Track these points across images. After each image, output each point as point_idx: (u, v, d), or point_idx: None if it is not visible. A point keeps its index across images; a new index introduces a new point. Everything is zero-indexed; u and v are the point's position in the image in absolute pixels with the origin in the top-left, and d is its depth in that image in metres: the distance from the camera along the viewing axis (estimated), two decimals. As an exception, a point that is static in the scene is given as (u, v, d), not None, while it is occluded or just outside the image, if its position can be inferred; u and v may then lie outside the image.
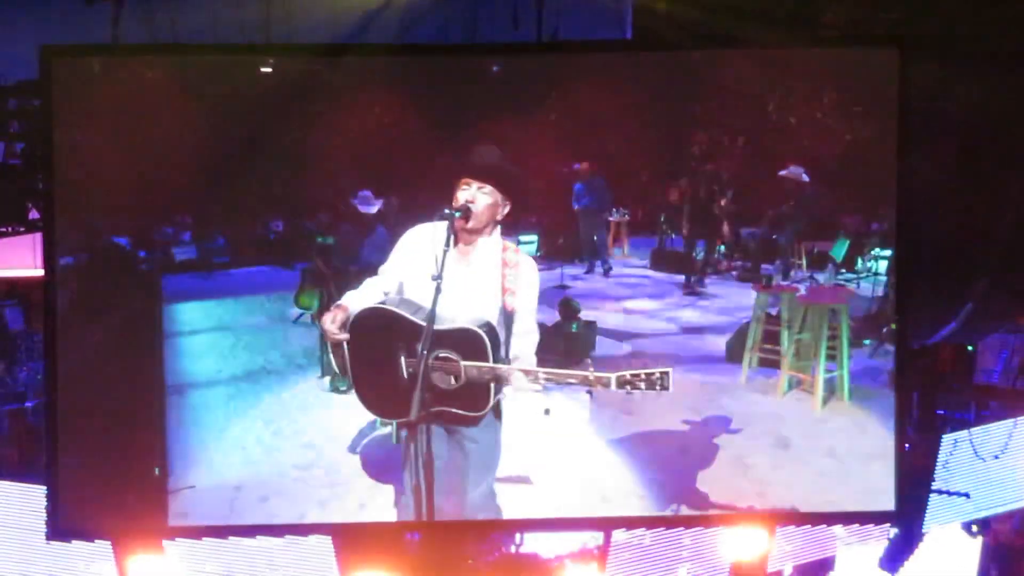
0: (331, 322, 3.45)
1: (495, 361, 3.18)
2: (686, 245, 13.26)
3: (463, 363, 3.22)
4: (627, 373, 2.85)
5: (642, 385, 2.86)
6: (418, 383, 3.04)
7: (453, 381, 3.23)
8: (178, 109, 5.14)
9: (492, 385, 3.21)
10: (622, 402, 6.30)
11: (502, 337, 3.42)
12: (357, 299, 3.63)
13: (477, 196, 3.39)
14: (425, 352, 3.08)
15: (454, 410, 3.23)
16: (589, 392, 6.43)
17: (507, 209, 3.53)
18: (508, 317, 3.48)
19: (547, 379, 3.18)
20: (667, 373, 2.78)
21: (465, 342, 3.21)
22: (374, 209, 7.85)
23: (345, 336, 3.36)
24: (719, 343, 8.07)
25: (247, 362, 8.11)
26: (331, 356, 3.61)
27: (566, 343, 7.43)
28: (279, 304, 11.89)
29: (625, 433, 5.85)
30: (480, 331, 3.21)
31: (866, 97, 5.38)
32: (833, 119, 6.03)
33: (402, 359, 3.13)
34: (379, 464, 5.56)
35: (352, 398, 6.90)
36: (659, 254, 15.48)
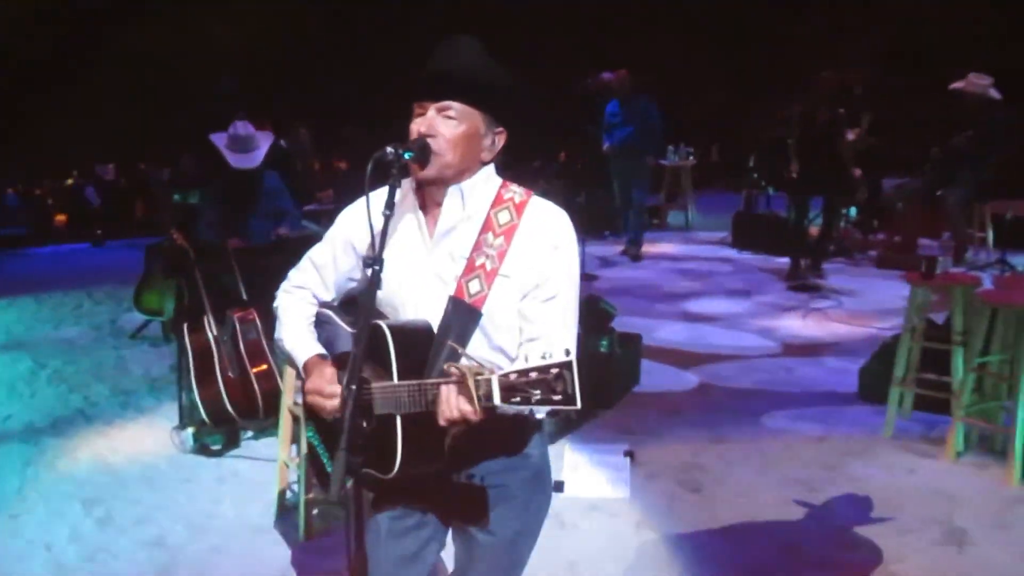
0: (324, 387, 3.44)
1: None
2: (792, 206, 13.33)
3: (373, 384, 3.24)
4: (513, 372, 2.82)
5: (536, 393, 2.79)
6: (343, 431, 3.06)
7: (371, 422, 3.25)
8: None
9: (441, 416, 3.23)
10: (683, 468, 6.24)
11: (494, 357, 3.33)
12: (300, 327, 3.69)
13: (437, 123, 3.32)
14: (351, 380, 3.08)
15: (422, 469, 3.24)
16: (629, 454, 6.43)
17: (498, 141, 3.45)
18: (496, 314, 3.40)
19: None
20: (568, 365, 2.73)
21: (376, 348, 3.24)
22: (260, 150, 7.82)
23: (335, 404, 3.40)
24: (848, 370, 8.18)
25: (55, 402, 8.16)
26: (303, 423, 3.60)
27: (593, 371, 7.20)
28: (108, 306, 11.99)
29: (692, 522, 5.77)
30: (383, 326, 3.20)
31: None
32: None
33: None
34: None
35: (236, 464, 6.94)
36: (745, 221, 15.69)
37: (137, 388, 8.14)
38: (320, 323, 3.68)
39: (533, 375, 2.69)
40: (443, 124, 3.25)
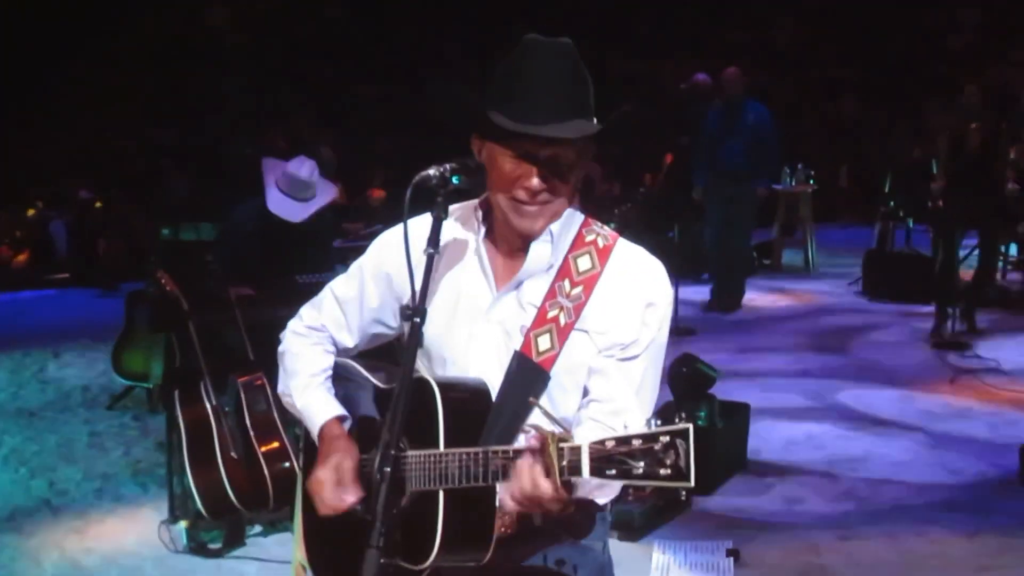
0: (331, 485, 3.43)
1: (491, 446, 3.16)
2: (939, 243, 13.11)
3: (409, 452, 3.19)
4: (611, 439, 2.76)
5: (638, 466, 2.74)
6: (378, 505, 3.02)
7: (404, 500, 3.21)
8: None
9: (495, 500, 3.17)
10: (803, 571, 6.23)
11: (557, 411, 3.34)
12: (310, 382, 3.65)
13: (550, 177, 3.33)
14: (384, 463, 3.04)
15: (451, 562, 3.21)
16: (733, 553, 6.40)
17: (583, 168, 3.47)
18: (565, 375, 3.41)
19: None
20: (684, 433, 2.69)
21: (417, 407, 3.21)
22: (314, 204, 7.78)
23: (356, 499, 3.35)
24: (1007, 449, 8.00)
25: (13, 490, 8.18)
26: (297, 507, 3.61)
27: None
28: (79, 369, 12.03)
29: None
30: (431, 380, 3.18)
31: None
32: None
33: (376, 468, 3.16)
34: None
35: (241, 566, 6.92)
36: (880, 261, 15.50)
37: (116, 472, 8.17)
38: (337, 378, 3.65)
39: (636, 443, 2.66)
40: (557, 177, 3.23)
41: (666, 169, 15.84)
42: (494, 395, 3.24)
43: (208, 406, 6.89)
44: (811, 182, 17.28)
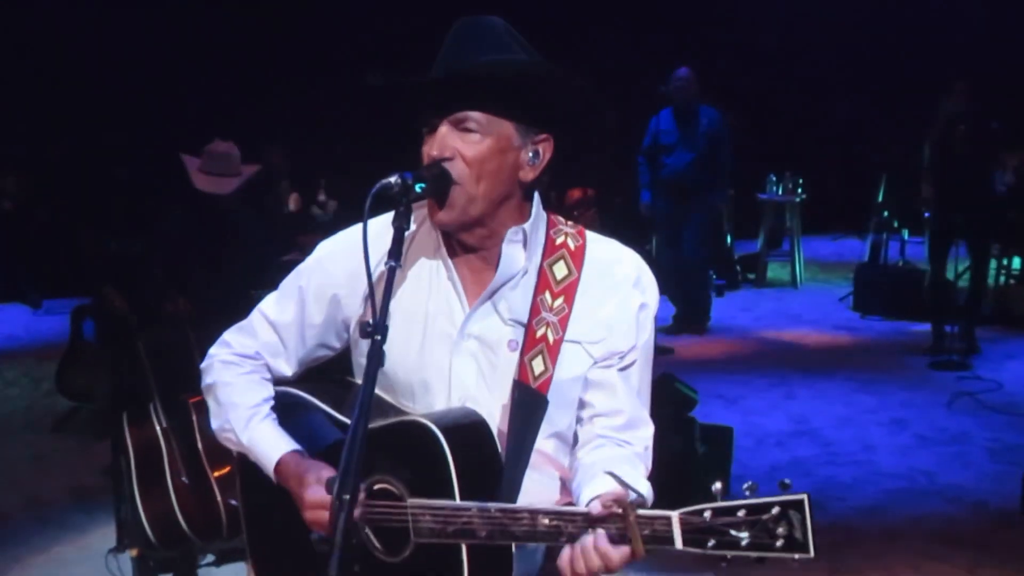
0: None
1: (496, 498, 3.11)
2: (933, 251, 12.99)
3: (410, 501, 3.13)
4: (707, 508, 2.68)
5: (743, 536, 2.67)
6: (334, 556, 2.96)
7: (402, 550, 3.16)
8: None
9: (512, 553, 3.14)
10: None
11: (548, 445, 3.34)
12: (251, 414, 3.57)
13: (453, 140, 3.29)
14: (343, 489, 2.95)
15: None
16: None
17: (544, 151, 3.41)
18: (558, 394, 3.38)
19: (551, 528, 3.08)
20: (800, 504, 2.64)
21: (415, 454, 3.14)
22: (234, 183, 7.78)
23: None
24: (1008, 476, 8.02)
25: None
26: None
27: (667, 475, 6.98)
28: (21, 388, 12.00)
29: None
30: (432, 426, 3.13)
31: None
32: None
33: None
34: None
35: None
36: (871, 275, 15.47)
37: (60, 499, 8.17)
38: (283, 407, 3.52)
39: (740, 514, 2.63)
40: (460, 141, 3.20)
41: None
42: (493, 426, 3.22)
43: (158, 428, 6.84)
44: (799, 191, 16.81)
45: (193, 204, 7.59)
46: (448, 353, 3.28)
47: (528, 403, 3.21)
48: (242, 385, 3.47)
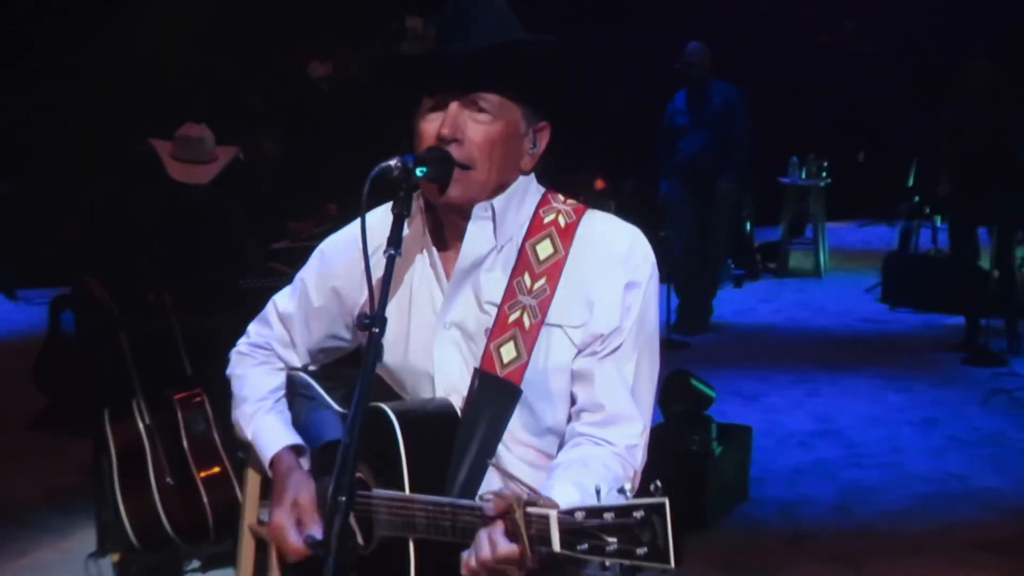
0: (292, 528, 3.40)
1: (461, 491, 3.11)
2: (952, 240, 12.89)
3: (374, 492, 3.15)
4: (580, 509, 2.66)
5: (611, 542, 2.66)
6: (331, 537, 2.96)
7: (360, 539, 3.19)
8: None
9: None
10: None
11: (543, 442, 3.32)
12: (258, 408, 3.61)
13: (464, 123, 3.27)
14: (339, 491, 2.95)
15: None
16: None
17: (540, 141, 3.41)
18: (540, 384, 3.36)
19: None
20: (660, 508, 2.60)
21: (379, 442, 3.14)
22: (211, 170, 7.75)
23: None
24: None
25: None
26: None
27: (682, 477, 7.00)
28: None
29: None
30: (388, 410, 3.13)
31: None
32: None
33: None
34: None
35: None
36: (901, 265, 15.38)
37: (37, 501, 8.14)
38: (294, 394, 3.60)
39: (608, 516, 2.57)
40: (472, 124, 3.19)
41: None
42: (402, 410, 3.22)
43: (141, 426, 6.85)
44: (824, 175, 16.60)
45: (169, 191, 7.55)
46: (431, 343, 3.30)
47: (492, 394, 3.20)
48: (251, 378, 3.60)
